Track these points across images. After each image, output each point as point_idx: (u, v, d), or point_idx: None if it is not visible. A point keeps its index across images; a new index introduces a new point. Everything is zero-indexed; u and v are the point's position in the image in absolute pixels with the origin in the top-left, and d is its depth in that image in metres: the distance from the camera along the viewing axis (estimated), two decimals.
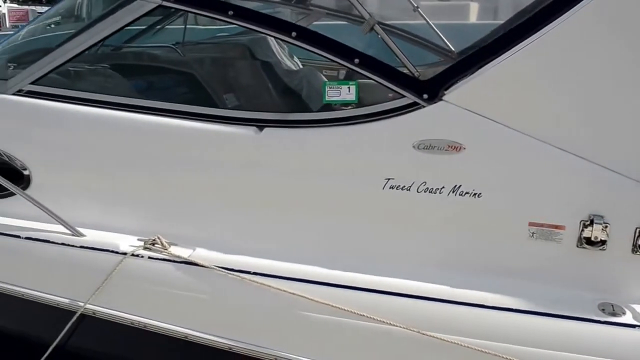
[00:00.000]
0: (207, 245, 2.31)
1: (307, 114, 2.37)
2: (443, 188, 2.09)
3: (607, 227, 1.99)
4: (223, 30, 4.54)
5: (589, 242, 2.01)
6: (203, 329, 2.21)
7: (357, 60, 2.16)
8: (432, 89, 2.09)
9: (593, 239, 2.00)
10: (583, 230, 2.01)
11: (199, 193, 2.39)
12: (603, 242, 2.01)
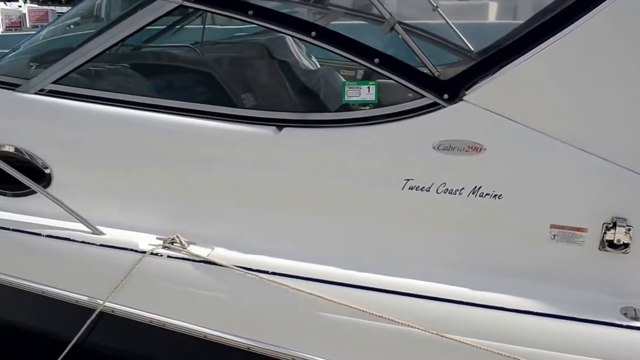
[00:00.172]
0: (225, 245, 2.31)
1: (326, 114, 2.36)
2: (463, 189, 2.08)
3: (630, 229, 1.96)
4: (241, 30, 4.55)
5: (612, 245, 1.98)
6: (221, 329, 2.22)
7: (377, 60, 2.15)
8: (452, 89, 2.07)
9: (616, 242, 1.97)
10: (605, 233, 1.98)
11: (218, 192, 2.39)
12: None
